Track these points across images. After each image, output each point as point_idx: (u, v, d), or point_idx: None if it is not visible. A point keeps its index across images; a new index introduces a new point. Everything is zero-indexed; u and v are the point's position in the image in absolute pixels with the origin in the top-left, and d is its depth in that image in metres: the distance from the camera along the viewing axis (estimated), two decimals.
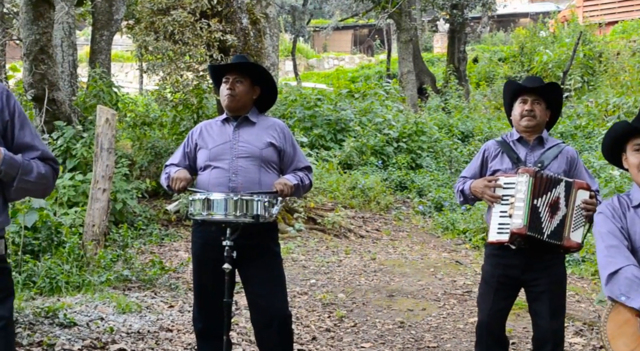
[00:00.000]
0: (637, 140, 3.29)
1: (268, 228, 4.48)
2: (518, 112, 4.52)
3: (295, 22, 30.67)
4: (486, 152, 4.64)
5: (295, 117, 16.00)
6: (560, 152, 4.49)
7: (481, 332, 4.55)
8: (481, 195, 4.47)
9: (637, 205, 3.33)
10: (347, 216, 12.04)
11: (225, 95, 4.55)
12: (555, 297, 4.40)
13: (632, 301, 3.12)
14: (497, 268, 4.46)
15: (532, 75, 4.69)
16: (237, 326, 6.37)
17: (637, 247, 3.27)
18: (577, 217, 4.23)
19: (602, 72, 22.89)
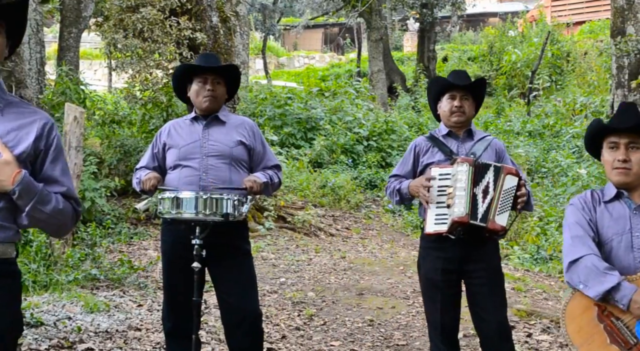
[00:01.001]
0: (612, 139, 3.33)
1: (238, 227, 4.47)
2: (447, 108, 4.57)
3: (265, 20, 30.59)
4: (417, 147, 4.66)
5: (266, 115, 15.97)
6: (489, 144, 4.56)
7: (436, 335, 4.52)
8: (415, 194, 4.48)
9: (608, 201, 3.38)
10: (317, 214, 12.05)
11: (205, 96, 4.52)
12: (496, 289, 4.43)
13: (590, 290, 3.18)
14: (438, 264, 4.44)
15: (457, 70, 4.69)
16: (207, 325, 6.35)
17: (604, 241, 3.32)
18: (504, 200, 4.26)
19: (569, 72, 23.11)
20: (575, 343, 3.22)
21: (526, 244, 10.45)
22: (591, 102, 17.23)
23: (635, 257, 3.24)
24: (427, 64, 24.79)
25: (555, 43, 23.98)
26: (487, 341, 4.44)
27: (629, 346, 3.12)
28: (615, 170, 3.30)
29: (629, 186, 3.32)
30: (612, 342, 3.15)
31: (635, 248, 3.25)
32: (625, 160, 3.27)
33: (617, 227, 3.31)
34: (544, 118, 18.46)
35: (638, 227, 3.28)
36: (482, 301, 4.42)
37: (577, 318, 3.24)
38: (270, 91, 17.54)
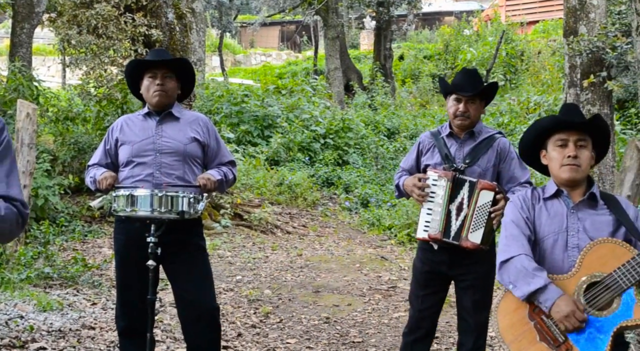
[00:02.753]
0: (561, 135, 3.37)
1: (193, 224, 4.45)
2: (452, 110, 4.49)
3: (222, 17, 30.45)
4: (421, 144, 4.65)
5: (222, 112, 15.90)
6: (491, 145, 4.47)
7: (411, 327, 4.59)
8: (410, 194, 4.49)
9: (547, 197, 3.43)
10: (273, 212, 12.03)
11: (155, 91, 4.47)
12: (480, 292, 4.45)
13: (517, 290, 3.24)
14: (426, 264, 4.51)
15: (467, 70, 4.58)
16: (162, 323, 6.31)
17: (541, 238, 3.37)
18: (478, 217, 4.24)
19: (523, 71, 23.37)
20: (506, 340, 3.27)
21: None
22: (544, 100, 17.43)
23: (569, 255, 3.29)
24: (383, 62, 24.87)
25: (509, 42, 24.23)
26: (463, 341, 4.50)
27: (557, 344, 3.17)
28: (565, 167, 3.34)
29: (575, 183, 3.37)
30: (542, 340, 3.20)
31: (570, 247, 3.31)
32: (576, 156, 3.32)
33: (554, 225, 3.36)
34: (499, 117, 18.64)
35: (574, 226, 3.33)
36: (464, 302, 4.48)
37: (509, 315, 3.29)
38: (226, 88, 17.46)
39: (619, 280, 3.12)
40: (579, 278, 3.20)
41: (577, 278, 3.20)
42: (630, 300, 3.11)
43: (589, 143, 3.39)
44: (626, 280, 3.11)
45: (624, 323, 3.10)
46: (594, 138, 3.42)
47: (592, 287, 3.18)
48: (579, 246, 3.28)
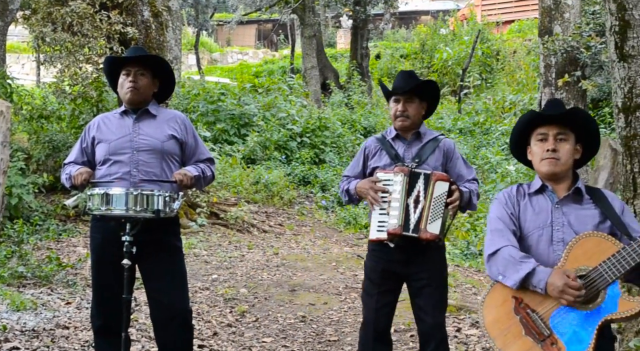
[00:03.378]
0: (541, 130, 3.41)
1: (169, 223, 4.43)
2: (392, 112, 4.56)
3: (198, 15, 30.37)
4: (366, 149, 4.67)
5: (199, 111, 15.85)
6: (437, 146, 4.53)
7: (367, 330, 4.56)
8: (365, 196, 4.49)
9: (532, 193, 3.45)
10: (250, 211, 12.01)
11: (127, 87, 4.46)
12: (437, 291, 4.46)
13: (508, 279, 3.27)
14: (379, 263, 4.49)
15: (403, 72, 4.62)
16: (137, 322, 6.29)
17: (526, 234, 3.40)
18: (435, 208, 4.27)
19: (499, 70, 23.49)
20: (491, 334, 3.29)
21: (456, 240, 10.60)
22: (520, 100, 17.53)
23: (555, 250, 3.32)
24: (360, 61, 24.90)
25: (485, 42, 24.35)
26: (423, 342, 4.50)
27: (542, 338, 3.19)
28: (544, 161, 3.38)
29: (556, 177, 3.40)
30: (527, 334, 3.23)
31: (555, 241, 3.33)
32: (555, 150, 3.36)
33: (539, 220, 3.39)
34: (475, 116, 18.74)
35: (558, 220, 3.36)
36: (421, 303, 4.46)
37: (494, 310, 3.31)
38: (203, 87, 17.41)
39: (604, 274, 3.15)
40: None
41: None
42: (615, 294, 3.14)
43: (570, 137, 3.42)
44: (611, 274, 3.13)
45: (609, 316, 3.13)
46: (576, 132, 3.44)
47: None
48: (564, 240, 3.31)
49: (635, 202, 5.16)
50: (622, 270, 3.12)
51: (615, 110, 5.38)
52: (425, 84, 4.58)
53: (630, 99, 5.16)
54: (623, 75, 5.21)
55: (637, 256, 3.10)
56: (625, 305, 3.12)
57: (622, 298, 3.13)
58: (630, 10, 5.16)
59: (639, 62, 5.16)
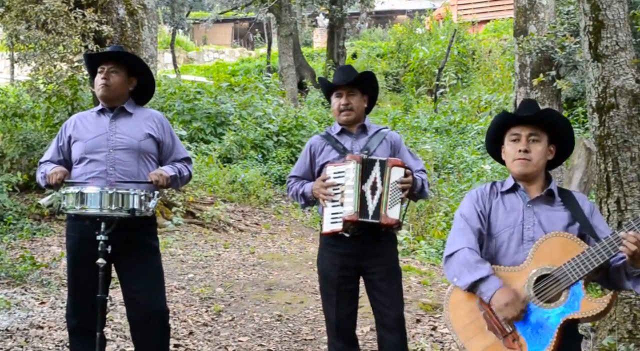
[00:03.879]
0: (515, 131, 3.44)
1: (145, 222, 4.42)
2: (336, 106, 4.59)
3: (174, 13, 30.21)
4: (312, 147, 4.69)
5: (175, 110, 15.79)
6: (384, 138, 4.57)
7: (332, 332, 4.55)
8: (317, 195, 4.49)
9: (505, 192, 3.48)
10: (226, 210, 11.99)
11: (99, 84, 4.47)
12: (394, 284, 4.48)
13: (460, 281, 3.31)
14: (335, 260, 4.48)
15: (342, 67, 4.72)
16: (112, 322, 6.25)
17: (495, 233, 3.43)
18: (393, 194, 4.29)
19: (475, 70, 23.60)
20: (455, 328, 3.32)
21: (432, 239, 10.63)
22: (495, 99, 17.64)
23: (525, 248, 3.35)
24: (336, 60, 24.91)
25: (461, 41, 24.45)
26: (383, 334, 4.50)
27: (504, 334, 3.22)
28: (516, 161, 3.41)
29: (528, 177, 3.43)
30: (490, 329, 3.26)
31: (526, 240, 3.36)
32: (527, 151, 3.39)
33: (510, 219, 3.42)
34: (451, 115, 18.80)
35: (529, 220, 3.39)
36: (380, 297, 4.47)
37: (459, 304, 3.34)
38: (179, 85, 17.34)
39: (567, 274, 3.18)
40: (530, 270, 3.26)
41: (528, 271, 3.26)
42: (578, 294, 3.17)
43: (543, 138, 3.44)
44: (575, 274, 3.16)
45: (571, 315, 3.16)
46: (549, 132, 3.46)
47: (542, 279, 3.23)
48: (534, 239, 3.34)
49: (609, 201, 5.22)
50: (586, 271, 3.15)
51: (589, 110, 5.43)
52: (364, 75, 4.61)
53: (604, 99, 5.21)
54: (597, 75, 5.26)
55: (600, 257, 3.14)
56: (587, 306, 3.15)
57: (584, 299, 3.16)
58: (604, 10, 5.21)
59: (612, 62, 5.21)
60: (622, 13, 5.25)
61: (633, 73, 5.23)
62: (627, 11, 5.32)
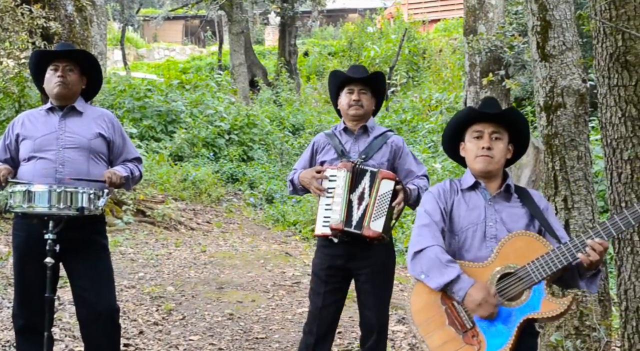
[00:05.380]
0: (477, 127, 3.46)
1: (94, 221, 4.37)
2: (346, 102, 4.60)
3: (124, 10, 29.93)
4: (315, 144, 4.72)
5: (125, 107, 15.64)
6: (385, 142, 4.59)
7: (312, 326, 4.56)
8: (308, 186, 4.53)
9: (465, 189, 3.50)
10: (177, 208, 11.91)
11: (56, 82, 4.39)
12: (379, 287, 4.50)
13: (431, 281, 3.30)
14: (325, 260, 4.53)
15: (356, 65, 4.78)
16: (60, 321, 6.17)
17: (458, 229, 3.44)
18: (379, 206, 4.31)
19: (425, 68, 23.78)
20: (416, 321, 3.33)
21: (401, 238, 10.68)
22: (446, 98, 17.80)
23: (488, 245, 3.37)
24: (288, 58, 24.92)
25: (411, 40, 24.61)
26: (365, 336, 4.54)
27: (464, 330, 3.25)
28: (479, 158, 3.42)
29: (489, 175, 3.45)
30: (450, 324, 3.28)
31: (488, 237, 3.39)
32: (490, 148, 3.41)
33: (472, 216, 3.44)
34: (402, 114, 18.93)
35: (492, 217, 3.41)
36: (363, 297, 4.51)
37: (421, 297, 3.36)
38: (129, 83, 17.20)
39: (531, 273, 3.21)
40: (494, 268, 3.28)
41: (492, 268, 3.28)
42: (540, 294, 3.21)
43: (505, 136, 3.47)
44: (538, 274, 3.20)
45: (531, 315, 3.20)
46: (510, 131, 3.50)
47: (505, 278, 3.26)
48: (496, 236, 3.36)
49: (556, 199, 5.29)
50: (549, 271, 3.19)
51: (537, 109, 5.50)
52: (378, 74, 4.69)
53: (552, 98, 5.28)
54: (544, 74, 5.33)
55: (564, 259, 3.18)
56: (548, 306, 3.19)
57: (545, 299, 3.20)
58: (551, 10, 5.29)
59: (559, 62, 5.29)
60: (569, 13, 5.34)
61: (580, 73, 5.31)
62: (574, 12, 5.41)
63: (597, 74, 4.10)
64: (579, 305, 5.23)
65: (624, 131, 3.93)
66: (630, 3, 3.84)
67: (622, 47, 3.90)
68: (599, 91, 4.09)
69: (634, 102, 3.88)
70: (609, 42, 3.96)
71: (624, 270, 4.04)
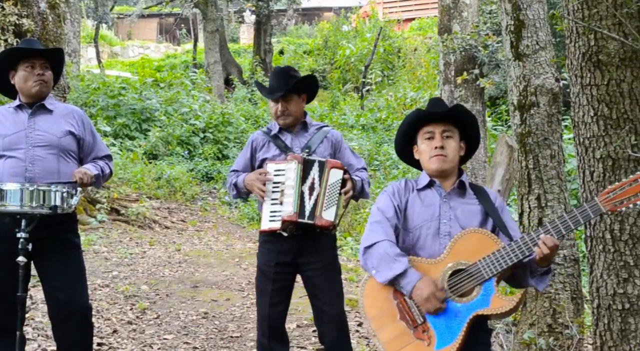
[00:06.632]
0: (428, 128, 3.48)
1: (67, 220, 4.34)
2: (273, 111, 4.61)
3: (97, 8, 29.71)
4: (254, 142, 4.69)
5: (98, 105, 15.55)
6: (325, 136, 4.62)
7: (263, 327, 4.54)
8: (251, 188, 4.50)
9: (420, 189, 3.52)
10: (152, 207, 11.87)
11: (35, 81, 4.36)
12: (332, 279, 4.52)
13: (380, 275, 3.32)
14: (272, 256, 4.49)
15: (277, 71, 4.71)
16: (33, 321, 6.12)
17: (412, 227, 3.46)
18: (330, 195, 4.35)
19: (400, 67, 23.86)
20: (368, 316, 3.36)
21: (359, 235, 10.70)
22: (420, 96, 17.87)
23: (441, 242, 3.39)
24: (263, 57, 24.89)
25: (386, 39, 24.67)
26: (324, 331, 4.53)
27: (415, 324, 3.27)
28: (432, 158, 3.45)
29: (445, 173, 3.48)
30: (401, 319, 3.30)
31: (442, 234, 3.41)
32: (442, 147, 3.43)
33: (427, 213, 3.46)
34: (377, 112, 18.98)
35: (446, 214, 3.44)
36: (319, 293, 4.50)
37: (374, 292, 3.38)
38: (103, 81, 17.10)
39: (482, 270, 3.24)
40: (446, 264, 3.30)
41: (444, 264, 3.31)
42: (490, 290, 3.24)
43: (456, 134, 3.50)
44: (488, 271, 3.23)
45: (481, 311, 3.23)
46: (460, 128, 3.53)
47: (457, 274, 3.29)
48: (450, 233, 3.38)
49: (530, 198, 5.33)
50: (499, 268, 3.22)
51: (511, 108, 5.54)
52: (300, 82, 4.62)
53: (525, 97, 5.32)
54: (518, 73, 5.37)
55: (515, 256, 3.21)
56: (497, 303, 3.23)
57: (495, 296, 3.23)
58: (525, 10, 5.32)
59: (533, 61, 5.33)
60: (542, 13, 5.38)
61: (553, 72, 5.36)
62: (547, 11, 5.45)
63: (569, 73, 4.13)
64: (552, 302, 5.27)
65: (596, 130, 3.96)
66: (603, 3, 3.87)
67: (594, 47, 3.93)
68: (571, 90, 4.12)
69: (605, 101, 3.91)
70: (581, 41, 3.99)
71: (596, 268, 4.07)
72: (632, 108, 3.88)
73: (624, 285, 3.94)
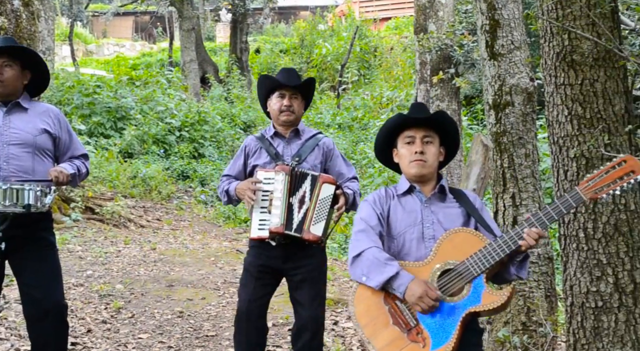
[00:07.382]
0: (409, 133, 3.49)
1: (41, 218, 4.30)
2: (277, 106, 4.62)
3: (72, 5, 29.49)
4: (247, 148, 4.71)
5: (73, 103, 15.44)
6: (317, 144, 4.64)
7: (240, 321, 4.54)
8: (242, 197, 4.52)
9: (400, 194, 3.53)
10: (127, 205, 11.80)
11: None
12: (314, 285, 4.52)
13: (371, 280, 3.32)
14: (260, 258, 4.52)
15: (286, 68, 4.76)
16: (6, 320, 6.07)
17: (396, 233, 3.47)
18: (320, 210, 4.37)
19: (377, 66, 23.91)
20: (360, 323, 3.36)
21: (334, 234, 10.71)
22: (397, 96, 17.91)
23: (427, 246, 3.41)
24: (239, 55, 24.84)
25: (363, 38, 24.72)
26: (298, 333, 4.53)
27: (408, 328, 3.28)
28: (412, 163, 3.46)
29: (424, 178, 3.50)
30: (394, 323, 3.31)
31: (426, 238, 3.43)
32: (422, 152, 3.45)
33: (410, 219, 3.48)
34: (353, 111, 19.01)
35: (428, 218, 3.46)
36: (299, 296, 4.51)
37: (365, 299, 3.38)
38: (78, 79, 16.96)
39: (470, 268, 3.25)
40: (434, 265, 3.31)
41: (432, 266, 3.32)
42: (480, 287, 3.25)
43: (436, 140, 3.52)
44: (477, 268, 3.24)
45: (473, 308, 3.24)
46: (440, 134, 3.54)
47: (446, 274, 3.30)
48: (434, 237, 3.40)
49: (505, 196, 5.36)
50: (487, 265, 3.24)
51: (486, 107, 5.57)
52: (311, 81, 4.71)
53: (500, 96, 5.35)
54: (493, 73, 5.40)
55: (501, 251, 3.23)
56: (488, 298, 3.24)
57: (485, 292, 3.25)
58: (500, 10, 5.35)
59: (508, 61, 5.36)
60: (517, 13, 5.41)
61: (527, 72, 5.39)
62: (522, 11, 5.48)
63: (544, 73, 4.15)
64: (526, 300, 5.30)
65: (570, 129, 3.99)
66: (576, 3, 3.90)
67: (568, 46, 3.95)
68: (546, 90, 4.15)
69: (579, 100, 3.94)
70: (555, 41, 4.01)
71: (569, 266, 4.10)
72: (605, 108, 3.91)
73: (597, 283, 3.97)
